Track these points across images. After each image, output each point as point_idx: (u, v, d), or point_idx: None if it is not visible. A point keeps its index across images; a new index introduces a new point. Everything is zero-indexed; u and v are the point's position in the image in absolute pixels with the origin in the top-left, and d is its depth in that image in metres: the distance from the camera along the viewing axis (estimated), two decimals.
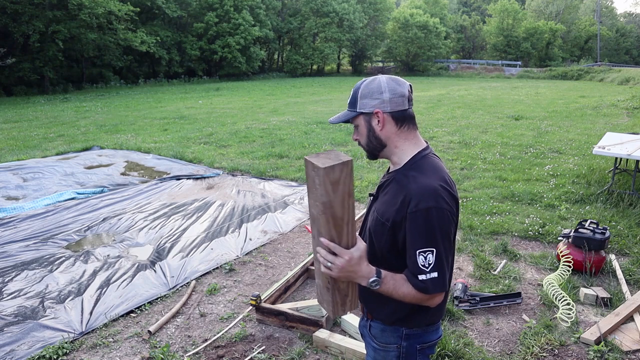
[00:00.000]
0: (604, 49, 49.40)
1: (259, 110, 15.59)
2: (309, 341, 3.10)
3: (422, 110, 14.82)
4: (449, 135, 10.36)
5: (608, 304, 3.46)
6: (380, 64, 48.01)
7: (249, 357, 2.97)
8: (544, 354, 2.94)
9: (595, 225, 4.01)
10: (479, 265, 4.15)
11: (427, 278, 1.41)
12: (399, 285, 1.44)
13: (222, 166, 7.84)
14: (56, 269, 4.14)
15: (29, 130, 11.86)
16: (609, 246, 4.38)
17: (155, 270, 4.12)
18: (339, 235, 1.37)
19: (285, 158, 8.41)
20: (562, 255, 3.91)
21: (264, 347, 3.07)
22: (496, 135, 10.31)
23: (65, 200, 6.07)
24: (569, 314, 3.25)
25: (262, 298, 3.38)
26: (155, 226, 5.18)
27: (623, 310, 3.26)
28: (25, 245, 4.68)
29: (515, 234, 4.84)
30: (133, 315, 3.47)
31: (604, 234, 3.88)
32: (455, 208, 1.48)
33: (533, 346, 3.00)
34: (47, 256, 4.41)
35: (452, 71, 41.55)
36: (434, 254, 1.40)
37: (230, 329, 3.29)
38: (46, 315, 3.40)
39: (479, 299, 3.48)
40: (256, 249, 4.66)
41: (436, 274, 1.41)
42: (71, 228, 5.13)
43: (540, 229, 4.87)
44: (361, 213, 5.25)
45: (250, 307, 3.44)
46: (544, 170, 7.17)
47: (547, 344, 3.03)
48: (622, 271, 3.90)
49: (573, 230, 4.05)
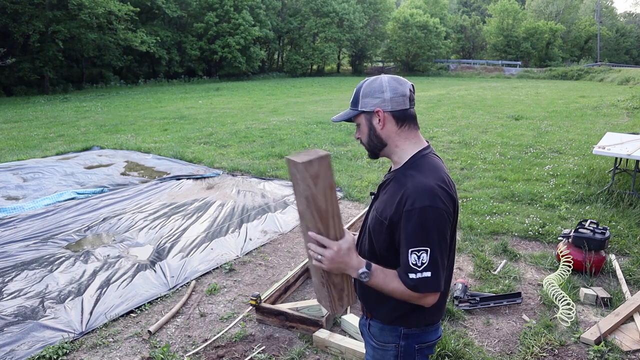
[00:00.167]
0: (604, 49, 49.40)
1: (259, 110, 15.59)
2: (309, 341, 3.10)
3: (422, 110, 14.83)
4: (449, 135, 10.36)
5: (608, 304, 3.46)
6: (380, 64, 48.01)
7: (249, 357, 2.97)
8: (544, 354, 2.94)
9: (595, 225, 4.01)
10: (479, 265, 4.15)
11: (418, 277, 1.40)
12: (389, 279, 1.45)
13: (222, 166, 7.84)
14: (56, 269, 4.14)
15: (29, 130, 11.87)
16: (609, 246, 4.38)
17: (155, 270, 4.12)
18: (326, 228, 1.40)
19: (285, 158, 8.40)
20: (562, 255, 3.91)
21: (264, 347, 3.07)
22: (496, 135, 10.31)
23: (65, 200, 6.07)
24: (569, 314, 3.25)
25: (262, 298, 3.38)
26: (155, 226, 5.18)
27: (623, 310, 3.26)
28: (25, 245, 4.68)
29: (515, 234, 4.84)
30: (133, 315, 3.47)
31: (604, 234, 3.88)
32: (452, 208, 1.47)
33: (533, 346, 3.00)
34: (47, 256, 4.41)
35: (452, 71, 41.56)
36: (427, 254, 1.40)
37: (230, 329, 3.29)
38: (46, 315, 3.40)
39: (479, 299, 3.48)
40: (256, 249, 4.67)
41: (429, 274, 1.40)
42: (71, 228, 5.13)
43: (540, 229, 4.87)
44: (361, 212, 5.25)
45: (250, 307, 3.44)
46: (544, 170, 7.17)
47: (547, 344, 3.03)
48: (622, 271, 3.90)
49: (573, 230, 4.05)
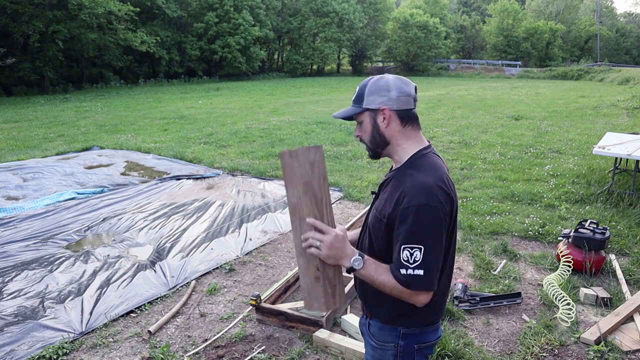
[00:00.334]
0: (604, 49, 49.40)
1: (259, 110, 15.59)
2: (309, 341, 3.10)
3: (422, 110, 14.83)
4: (449, 135, 10.36)
5: (608, 304, 3.46)
6: (380, 64, 48.01)
7: (249, 357, 2.97)
8: (544, 354, 2.94)
9: (595, 225, 4.01)
10: (479, 265, 4.15)
11: (409, 273, 1.40)
12: (380, 272, 1.46)
13: (222, 166, 7.84)
14: (56, 269, 4.14)
15: (29, 130, 11.86)
16: (609, 246, 4.38)
17: (155, 270, 4.12)
18: (321, 217, 1.45)
19: (279, 153, 8.40)
20: (562, 255, 3.91)
21: (264, 347, 3.07)
22: (496, 135, 10.31)
23: (65, 200, 6.07)
24: (569, 314, 3.25)
25: (262, 298, 3.38)
26: (155, 226, 5.18)
27: (623, 310, 3.26)
28: (25, 245, 4.68)
29: (515, 234, 4.84)
30: (133, 315, 3.47)
31: (604, 234, 3.88)
32: (450, 208, 1.47)
33: (533, 346, 3.00)
34: (47, 256, 4.41)
35: (452, 71, 41.56)
36: (421, 252, 1.40)
37: (230, 329, 3.29)
38: (46, 315, 3.40)
39: (479, 299, 3.48)
40: (256, 249, 4.67)
41: (421, 272, 1.40)
42: (71, 228, 5.13)
43: (540, 229, 4.87)
44: (361, 212, 5.25)
45: (250, 307, 3.44)
46: (544, 170, 7.17)
47: (547, 344, 3.03)
48: (622, 271, 3.90)
49: (573, 230, 4.05)
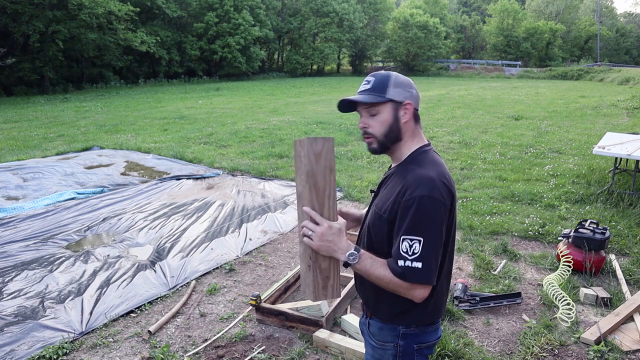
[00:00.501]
0: (604, 49, 49.40)
1: (259, 110, 15.59)
2: (309, 341, 3.10)
3: (422, 110, 14.82)
4: (449, 135, 10.36)
5: (608, 304, 3.46)
6: (380, 64, 48.00)
7: (249, 357, 2.97)
8: (544, 354, 2.94)
9: (595, 225, 4.01)
10: (479, 265, 4.15)
11: (406, 265, 1.39)
12: (376, 266, 1.45)
13: (222, 166, 7.84)
14: (56, 269, 4.14)
15: (29, 130, 11.86)
16: (609, 246, 4.38)
17: (155, 270, 4.12)
18: (321, 207, 1.45)
19: (285, 158, 8.41)
20: (562, 255, 3.91)
21: (264, 347, 3.07)
22: (496, 135, 10.31)
23: (65, 200, 6.07)
24: (569, 314, 3.25)
25: (262, 298, 3.38)
26: (155, 226, 5.18)
27: (623, 310, 3.26)
28: (25, 245, 4.68)
29: (515, 234, 4.84)
30: (133, 315, 3.47)
31: (604, 234, 3.88)
32: (450, 203, 1.47)
33: (533, 346, 3.00)
34: (47, 256, 4.41)
35: (452, 71, 41.56)
36: (420, 244, 1.39)
37: (230, 329, 3.29)
38: (46, 315, 3.40)
39: (479, 299, 3.48)
40: (256, 249, 4.66)
41: (420, 265, 1.39)
42: (71, 228, 5.13)
43: (540, 229, 4.87)
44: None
45: (250, 307, 3.44)
46: (544, 170, 7.17)
47: (547, 344, 3.03)
48: (622, 271, 3.90)
49: (573, 230, 4.05)
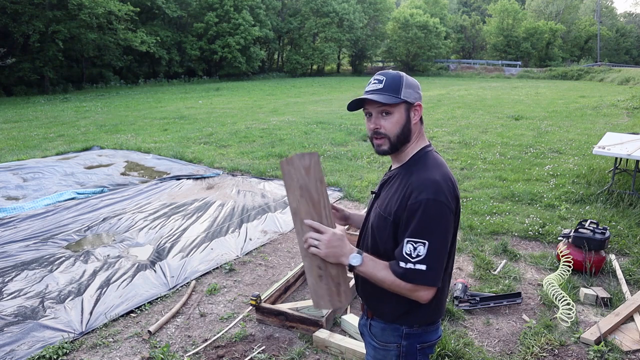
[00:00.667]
0: (604, 49, 49.40)
1: (259, 110, 15.59)
2: (309, 341, 3.10)
3: (423, 110, 14.80)
4: (449, 135, 10.36)
5: (608, 304, 3.46)
6: (380, 64, 48.00)
7: (249, 357, 2.97)
8: (544, 354, 2.94)
9: (595, 225, 4.01)
10: (479, 265, 4.15)
11: (408, 267, 1.40)
12: (379, 268, 1.46)
13: (222, 166, 7.84)
14: (56, 269, 4.14)
15: (29, 130, 11.86)
16: (609, 246, 4.38)
17: (155, 270, 4.12)
18: (320, 218, 1.51)
19: (280, 162, 8.40)
20: (562, 255, 3.91)
21: (264, 347, 3.07)
22: (496, 135, 10.31)
23: (65, 200, 6.07)
24: (569, 314, 3.25)
25: (262, 298, 3.38)
26: (155, 226, 5.18)
27: (623, 310, 3.26)
28: (25, 245, 4.68)
29: (515, 234, 4.84)
30: (133, 315, 3.47)
31: (604, 234, 3.88)
32: (455, 205, 1.48)
33: (533, 346, 3.00)
34: (47, 256, 4.41)
35: (452, 71, 41.56)
36: (425, 247, 1.40)
37: (230, 329, 3.29)
38: (46, 315, 3.40)
39: (479, 299, 3.48)
40: (256, 249, 4.66)
41: (424, 267, 1.40)
42: (71, 228, 5.13)
43: (540, 229, 4.87)
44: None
45: (250, 307, 3.44)
46: (544, 170, 7.17)
47: (547, 344, 3.03)
48: (622, 271, 3.90)
49: (573, 230, 4.05)
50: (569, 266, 3.79)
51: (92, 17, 23.06)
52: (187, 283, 3.93)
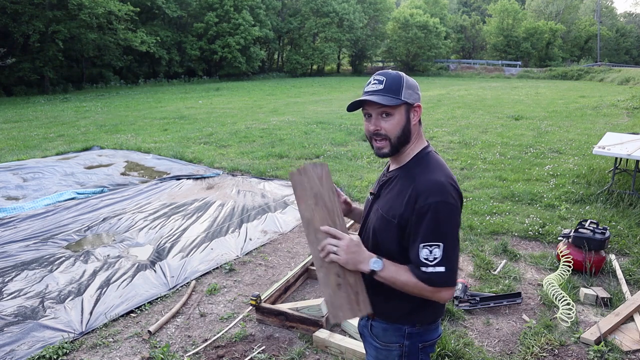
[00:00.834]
0: (604, 49, 49.40)
1: (259, 110, 15.59)
2: (309, 341, 3.10)
3: (422, 110, 14.81)
4: (449, 135, 10.36)
5: (608, 304, 3.46)
6: (380, 64, 47.99)
7: (249, 357, 2.97)
8: (544, 354, 2.94)
9: (595, 225, 4.01)
10: (479, 265, 4.14)
11: (430, 271, 1.41)
12: (400, 272, 1.45)
13: (222, 166, 7.84)
14: (56, 269, 4.14)
15: (29, 130, 11.86)
16: (609, 246, 4.38)
17: (155, 270, 4.12)
18: (334, 226, 1.50)
19: (285, 158, 8.41)
20: (562, 255, 3.91)
21: (264, 347, 3.07)
22: (496, 135, 10.31)
23: (65, 200, 6.07)
24: (569, 314, 3.25)
25: (262, 298, 3.38)
26: (155, 226, 5.18)
27: (623, 310, 3.26)
28: (25, 245, 4.68)
29: (515, 234, 4.84)
30: (133, 315, 3.47)
31: (604, 234, 3.88)
32: (460, 204, 1.50)
33: (533, 346, 3.00)
34: (47, 256, 4.41)
35: (452, 71, 41.56)
36: (440, 249, 1.41)
37: (230, 329, 3.29)
38: (46, 315, 3.40)
39: (479, 299, 3.48)
40: (256, 249, 4.66)
41: (443, 269, 1.41)
42: (71, 228, 5.13)
43: (540, 229, 4.87)
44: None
45: (250, 307, 3.44)
46: (544, 170, 7.17)
47: (547, 344, 3.03)
48: (622, 271, 3.90)
49: (573, 230, 4.05)
50: (569, 266, 3.79)
51: (92, 17, 23.06)
52: (187, 283, 3.93)
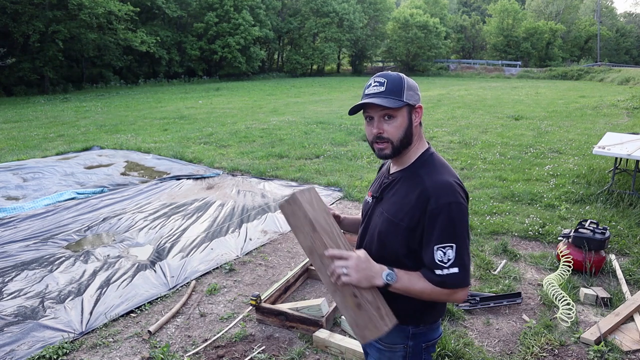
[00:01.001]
0: (604, 49, 49.40)
1: (259, 110, 15.59)
2: (309, 341, 3.10)
3: (423, 110, 14.81)
4: (449, 135, 10.36)
5: (608, 304, 3.46)
6: (380, 64, 48.02)
7: (249, 357, 2.97)
8: (544, 354, 2.94)
9: (595, 225, 4.01)
10: (479, 265, 4.15)
11: (445, 273, 1.41)
12: (415, 280, 1.44)
13: (222, 166, 7.84)
14: (56, 269, 4.14)
15: (29, 130, 11.86)
16: (609, 246, 4.38)
17: (155, 270, 4.12)
18: (337, 247, 1.47)
19: (285, 158, 8.41)
20: (562, 255, 3.91)
21: (264, 347, 3.07)
22: (496, 135, 10.31)
23: (65, 200, 6.07)
24: (569, 314, 3.25)
25: (262, 298, 3.38)
26: (155, 226, 5.18)
27: (623, 310, 3.26)
28: (25, 245, 4.68)
29: (515, 234, 4.84)
30: (133, 315, 3.47)
31: (604, 234, 3.88)
32: (467, 203, 1.51)
33: (533, 346, 3.00)
34: (47, 256, 4.41)
35: (452, 71, 41.56)
36: (453, 249, 1.41)
37: (230, 329, 3.29)
38: (46, 315, 3.40)
39: (479, 299, 3.48)
40: (256, 249, 4.66)
41: (457, 270, 1.41)
42: (71, 228, 5.13)
43: (540, 229, 4.87)
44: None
45: (250, 307, 3.44)
46: (544, 170, 7.17)
47: (547, 344, 3.03)
48: (622, 271, 3.90)
49: (573, 230, 4.05)
50: (569, 266, 3.79)
51: (92, 17, 23.06)
52: (187, 283, 3.93)
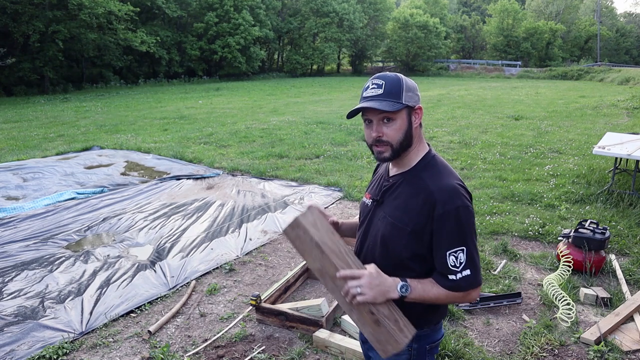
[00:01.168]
0: (604, 49, 49.40)
1: (259, 110, 15.59)
2: (309, 341, 3.10)
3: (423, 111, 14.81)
4: (449, 135, 10.36)
5: (608, 304, 3.46)
6: (380, 64, 48.01)
7: (249, 357, 2.97)
8: (544, 354, 2.94)
9: (595, 225, 4.01)
10: None
11: (458, 277, 1.41)
12: (428, 287, 1.44)
13: (222, 166, 7.84)
14: (56, 269, 4.14)
15: (29, 130, 11.86)
16: (609, 246, 4.38)
17: (155, 270, 4.12)
18: (347, 266, 1.45)
19: (285, 158, 8.41)
20: (562, 255, 3.91)
21: (264, 347, 3.07)
22: (496, 135, 10.31)
23: (65, 200, 6.07)
24: (569, 314, 3.25)
25: (262, 298, 3.38)
26: (155, 226, 5.18)
27: (623, 310, 3.26)
28: (25, 245, 4.68)
29: (515, 234, 4.84)
30: (133, 315, 3.47)
31: (604, 234, 3.88)
32: (472, 204, 1.50)
33: (533, 346, 3.00)
34: (47, 256, 4.41)
35: (452, 71, 41.56)
36: (464, 253, 1.41)
37: (230, 329, 3.29)
38: (46, 315, 3.40)
39: (479, 299, 3.48)
40: (256, 249, 4.66)
41: (469, 272, 1.41)
42: (71, 228, 5.13)
43: (540, 229, 4.87)
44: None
45: (250, 307, 3.44)
46: (544, 170, 7.17)
47: (547, 344, 3.03)
48: (622, 271, 3.90)
49: (573, 230, 4.05)
50: (569, 266, 3.79)
51: (92, 17, 23.06)
52: (187, 283, 3.93)
